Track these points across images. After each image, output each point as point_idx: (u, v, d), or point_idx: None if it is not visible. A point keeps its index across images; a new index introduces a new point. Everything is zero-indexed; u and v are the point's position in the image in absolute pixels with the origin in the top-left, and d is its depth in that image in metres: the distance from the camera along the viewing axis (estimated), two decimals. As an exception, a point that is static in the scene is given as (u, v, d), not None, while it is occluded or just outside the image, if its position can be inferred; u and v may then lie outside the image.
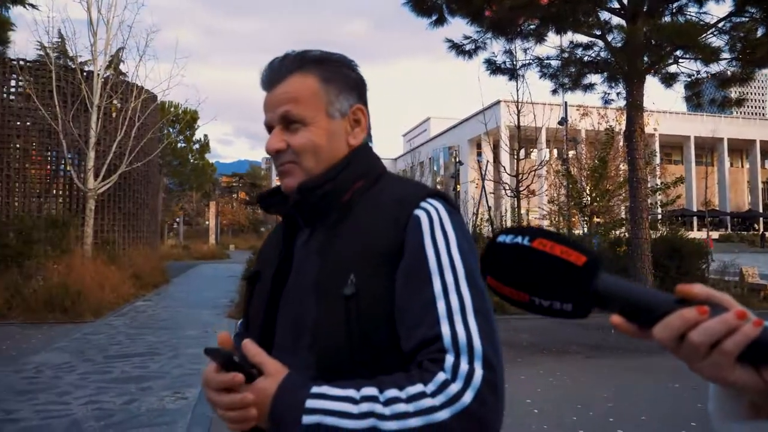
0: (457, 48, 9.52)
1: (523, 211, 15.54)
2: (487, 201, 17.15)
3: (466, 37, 9.46)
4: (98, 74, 14.85)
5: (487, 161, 20.67)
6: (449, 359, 0.86)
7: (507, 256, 0.68)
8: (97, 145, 14.86)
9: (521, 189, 14.44)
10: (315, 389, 0.87)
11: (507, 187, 15.14)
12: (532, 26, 9.51)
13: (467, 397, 0.83)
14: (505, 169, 15.31)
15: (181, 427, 4.55)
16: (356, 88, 1.11)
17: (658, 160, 23.05)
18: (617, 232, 14.18)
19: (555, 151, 26.52)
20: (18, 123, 15.39)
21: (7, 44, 9.35)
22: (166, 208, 38.38)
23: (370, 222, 1.01)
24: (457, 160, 35.19)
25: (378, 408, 0.84)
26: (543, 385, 5.92)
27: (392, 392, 0.85)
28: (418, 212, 0.98)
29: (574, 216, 16.44)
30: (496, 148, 28.72)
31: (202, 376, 0.92)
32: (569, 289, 0.64)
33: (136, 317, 10.53)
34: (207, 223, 49.79)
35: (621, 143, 16.25)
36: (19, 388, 5.54)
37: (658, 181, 20.67)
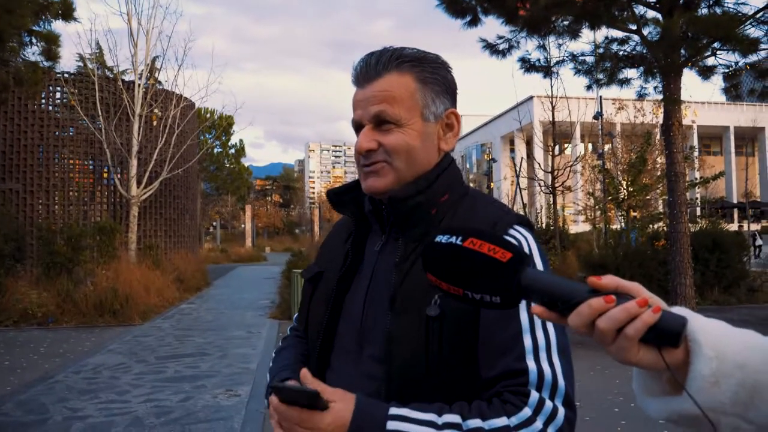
0: (491, 47, 9.55)
1: (558, 207, 15.42)
2: (522, 198, 17.08)
3: (500, 37, 9.50)
4: (139, 84, 15.34)
5: (522, 158, 20.56)
6: (534, 395, 0.87)
7: (443, 255, 0.72)
8: (139, 153, 15.34)
9: (557, 185, 14.36)
10: (394, 410, 0.86)
11: (542, 184, 15.07)
12: (565, 23, 9.49)
13: None
14: (540, 165, 15.24)
15: (237, 422, 4.75)
16: (451, 91, 1.07)
17: (696, 153, 22.57)
18: (655, 226, 14.00)
19: (590, 146, 26.22)
20: (65, 133, 16.00)
21: (57, 60, 9.73)
22: (203, 213, 39.15)
23: None
24: (490, 157, 35.03)
25: None
26: (583, 378, 5.95)
27: (475, 422, 0.85)
28: (507, 238, 0.97)
29: (610, 211, 16.26)
30: (529, 145, 28.56)
31: (272, 407, 0.90)
32: (496, 283, 0.69)
33: (182, 320, 10.87)
34: (243, 226, 50.62)
35: (658, 137, 16.04)
36: (81, 388, 5.83)
37: (697, 174, 20.27)
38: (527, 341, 0.91)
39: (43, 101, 15.75)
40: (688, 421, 0.65)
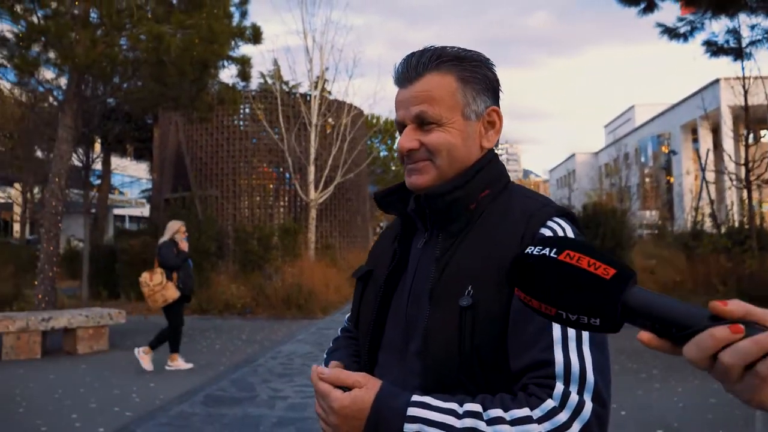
0: (671, 32, 8.90)
1: (754, 203, 13.81)
2: (709, 194, 15.60)
3: (681, 19, 8.83)
4: (315, 96, 16.60)
5: (708, 149, 18.71)
6: (559, 387, 0.84)
7: (535, 269, 0.65)
8: (316, 160, 16.60)
9: (752, 179, 12.87)
10: (416, 398, 0.86)
11: (733, 177, 13.61)
12: (759, -3, 8.55)
13: (574, 429, 0.81)
14: (730, 156, 13.77)
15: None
16: (492, 89, 1.07)
17: None
18: None
19: (791, 132, 23.05)
20: (252, 144, 17.86)
21: (250, 79, 10.93)
22: (371, 214, 41.00)
23: (495, 235, 0.98)
24: (670, 149, 32.36)
25: (481, 425, 0.82)
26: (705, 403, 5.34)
27: (497, 412, 0.83)
28: (544, 231, 0.96)
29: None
30: (716, 133, 25.80)
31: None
32: (597, 303, 0.61)
33: (359, 314, 11.57)
34: (408, 226, 51.98)
35: None
36: (279, 372, 6.54)
37: None
38: (556, 332, 0.87)
39: (234, 116, 17.72)
40: None
